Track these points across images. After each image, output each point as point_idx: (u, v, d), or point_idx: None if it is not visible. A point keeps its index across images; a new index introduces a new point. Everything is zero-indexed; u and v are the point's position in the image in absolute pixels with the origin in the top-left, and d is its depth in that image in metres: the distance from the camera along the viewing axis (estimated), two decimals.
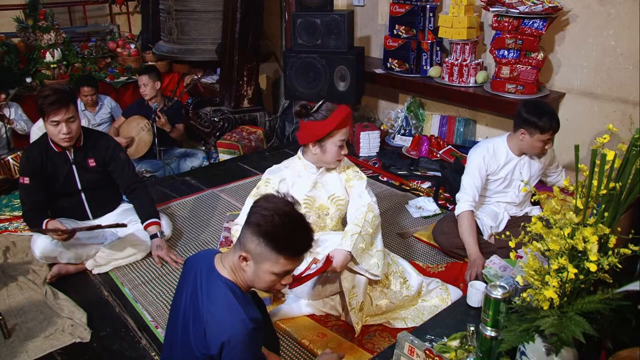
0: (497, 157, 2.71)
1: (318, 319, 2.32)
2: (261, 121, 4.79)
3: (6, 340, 2.24)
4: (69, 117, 2.51)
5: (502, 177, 2.74)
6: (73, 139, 2.59)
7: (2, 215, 3.33)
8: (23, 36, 4.65)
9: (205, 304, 1.44)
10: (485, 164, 2.70)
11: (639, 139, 1.37)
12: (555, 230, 1.36)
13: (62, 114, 2.49)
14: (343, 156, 2.32)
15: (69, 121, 2.52)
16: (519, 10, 3.27)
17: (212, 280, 1.48)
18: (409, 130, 4.43)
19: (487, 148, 2.73)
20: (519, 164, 2.73)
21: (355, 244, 2.16)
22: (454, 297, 2.35)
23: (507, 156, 2.72)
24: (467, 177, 2.73)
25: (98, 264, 2.73)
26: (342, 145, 2.27)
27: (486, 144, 2.77)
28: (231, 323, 1.39)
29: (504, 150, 2.72)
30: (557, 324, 1.32)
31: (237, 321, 1.39)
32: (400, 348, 1.62)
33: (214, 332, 1.39)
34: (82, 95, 4.17)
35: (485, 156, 2.71)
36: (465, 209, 2.65)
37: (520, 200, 2.81)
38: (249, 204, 2.32)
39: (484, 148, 2.74)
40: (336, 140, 2.25)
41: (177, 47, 5.20)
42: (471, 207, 2.66)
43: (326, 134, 2.22)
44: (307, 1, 4.00)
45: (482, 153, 2.72)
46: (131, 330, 2.31)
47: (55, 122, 2.50)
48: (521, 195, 2.78)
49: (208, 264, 1.52)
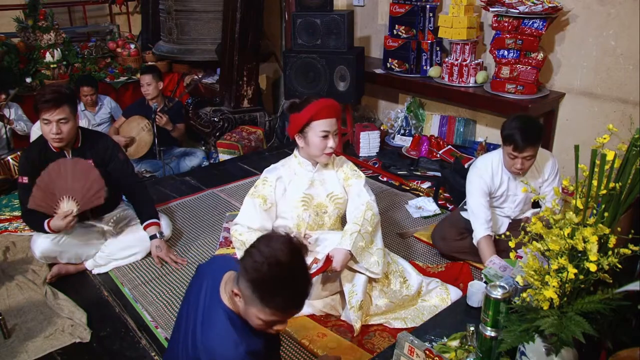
0: (495, 177, 2.62)
1: (318, 319, 2.32)
2: (261, 121, 4.79)
3: (6, 340, 2.24)
4: (60, 117, 2.49)
5: (498, 195, 2.66)
6: (64, 141, 2.56)
7: (2, 215, 3.33)
8: (23, 36, 4.65)
9: (205, 331, 1.39)
10: (486, 183, 2.61)
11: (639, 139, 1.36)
12: (555, 230, 1.36)
13: (52, 113, 2.46)
14: (331, 149, 2.29)
15: (60, 122, 2.49)
16: (519, 10, 3.27)
17: (213, 304, 1.41)
18: (409, 131, 4.43)
19: (485, 168, 2.62)
20: (512, 182, 2.62)
21: (355, 243, 2.16)
22: (454, 297, 2.35)
23: (504, 175, 2.61)
24: (472, 199, 2.62)
25: (98, 264, 2.74)
26: (325, 136, 2.26)
27: (483, 162, 2.65)
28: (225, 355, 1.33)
29: (499, 168, 2.62)
30: (557, 324, 1.31)
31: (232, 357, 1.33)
32: (400, 348, 1.62)
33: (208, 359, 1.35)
34: (82, 95, 4.17)
35: (483, 175, 2.61)
36: (483, 235, 2.54)
37: (516, 214, 2.73)
38: (247, 203, 2.33)
39: (481, 169, 2.63)
40: (317, 130, 2.26)
41: (177, 47, 5.20)
42: (487, 230, 2.55)
43: (304, 123, 2.26)
44: (307, 1, 4.00)
45: (480, 174, 2.62)
46: (131, 330, 2.31)
47: (46, 121, 2.49)
48: (517, 210, 2.71)
49: (214, 283, 1.44)
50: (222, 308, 1.40)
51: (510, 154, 2.43)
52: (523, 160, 2.41)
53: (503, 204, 2.71)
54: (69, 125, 2.54)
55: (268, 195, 2.32)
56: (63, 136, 2.53)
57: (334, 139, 2.28)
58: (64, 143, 2.58)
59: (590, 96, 3.42)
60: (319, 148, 2.28)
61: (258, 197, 2.31)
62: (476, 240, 2.58)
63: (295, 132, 2.31)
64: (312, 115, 2.23)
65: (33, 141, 2.80)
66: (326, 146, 2.28)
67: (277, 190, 2.34)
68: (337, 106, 2.35)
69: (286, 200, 2.34)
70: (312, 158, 2.35)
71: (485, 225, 2.56)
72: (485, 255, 2.52)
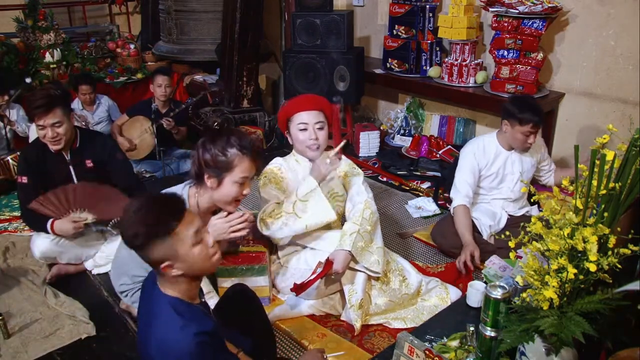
0: (487, 153, 2.77)
1: (318, 319, 2.32)
2: (261, 121, 4.78)
3: (6, 340, 2.24)
4: (54, 122, 2.48)
5: (494, 172, 2.78)
6: (61, 143, 2.56)
7: (2, 216, 3.33)
8: (23, 36, 4.65)
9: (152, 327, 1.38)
10: (477, 160, 2.76)
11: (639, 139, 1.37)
12: (555, 230, 1.36)
13: (45, 119, 2.47)
14: (313, 142, 2.30)
15: (54, 126, 2.50)
16: (519, 10, 3.27)
17: (155, 299, 1.42)
18: (409, 131, 4.43)
19: (477, 145, 2.80)
20: (510, 159, 2.77)
21: (355, 243, 2.17)
22: (454, 297, 2.35)
23: (497, 151, 2.77)
24: (459, 174, 2.79)
25: (98, 264, 2.73)
26: (304, 129, 2.29)
27: (476, 141, 2.85)
28: (176, 342, 1.32)
29: (493, 145, 2.78)
30: (556, 324, 1.32)
31: (181, 340, 1.32)
32: (400, 348, 1.62)
33: (162, 354, 1.34)
34: (80, 94, 4.16)
35: (475, 153, 2.77)
36: (459, 204, 2.71)
37: (516, 196, 2.82)
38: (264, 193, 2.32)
39: (473, 145, 2.81)
40: (296, 124, 2.30)
41: (177, 47, 5.20)
42: (464, 202, 2.71)
43: (285, 119, 2.33)
44: (306, 1, 4.00)
45: (472, 150, 2.79)
46: (131, 330, 2.31)
47: (40, 126, 2.49)
48: (517, 190, 2.80)
49: (151, 282, 1.46)
50: (165, 299, 1.40)
51: (526, 132, 2.62)
52: (532, 136, 2.66)
53: (501, 185, 2.79)
54: (64, 128, 2.54)
55: (276, 175, 2.34)
56: (59, 139, 2.54)
57: (315, 131, 2.29)
58: (62, 145, 2.58)
59: (590, 96, 3.42)
60: (301, 141, 2.32)
61: (270, 183, 2.32)
62: (452, 207, 2.75)
63: (284, 130, 2.39)
64: (289, 109, 2.31)
65: (30, 142, 2.80)
66: (307, 139, 2.30)
67: (283, 169, 2.38)
68: (317, 99, 2.36)
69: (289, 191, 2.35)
70: (302, 154, 2.38)
71: (466, 198, 2.72)
72: (460, 222, 2.66)
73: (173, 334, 1.33)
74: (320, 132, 2.31)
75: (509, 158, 2.77)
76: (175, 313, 1.36)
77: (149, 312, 1.43)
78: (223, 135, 1.94)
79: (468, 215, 2.69)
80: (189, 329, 1.33)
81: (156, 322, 1.38)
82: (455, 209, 2.73)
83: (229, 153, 1.91)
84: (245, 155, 1.92)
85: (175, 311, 1.37)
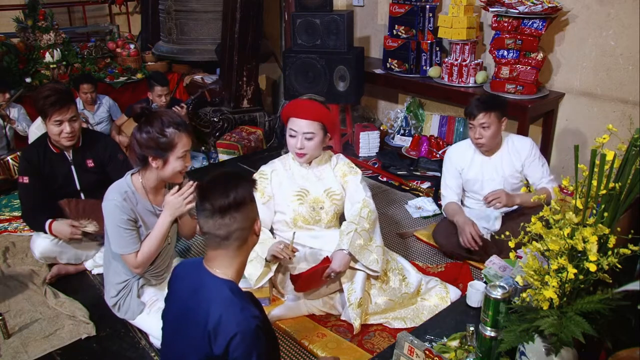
0: (465, 157, 2.80)
1: (318, 319, 2.32)
2: (261, 121, 4.78)
3: (6, 340, 2.24)
4: (71, 116, 2.52)
5: (472, 177, 2.78)
6: (75, 138, 2.59)
7: (2, 216, 3.33)
8: (22, 36, 4.65)
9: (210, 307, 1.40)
10: (454, 164, 2.81)
11: (639, 139, 1.37)
12: (555, 230, 1.36)
13: (65, 113, 2.49)
14: (298, 150, 2.33)
15: (71, 120, 2.53)
16: (519, 10, 3.26)
17: (209, 283, 1.45)
18: (409, 131, 4.43)
19: (457, 148, 2.86)
20: (488, 164, 2.74)
21: (352, 242, 2.17)
22: (454, 297, 2.36)
23: (473, 156, 2.77)
24: (442, 179, 2.88)
25: (98, 264, 2.73)
26: (294, 135, 2.33)
27: (457, 144, 2.90)
28: (237, 319, 1.37)
29: (470, 150, 2.79)
30: (556, 324, 1.32)
31: (243, 317, 1.37)
32: (400, 348, 1.62)
33: (222, 330, 1.36)
34: (82, 93, 4.17)
35: (451, 157, 2.83)
36: (448, 201, 2.80)
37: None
38: None
39: (453, 148, 2.88)
40: (289, 127, 2.36)
41: (177, 47, 5.20)
42: (453, 199, 2.79)
43: (284, 117, 2.39)
44: (306, 1, 4.00)
45: (449, 154, 2.85)
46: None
47: (58, 122, 2.50)
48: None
49: (198, 270, 1.49)
50: (220, 281, 1.43)
51: (469, 125, 2.64)
52: (480, 130, 2.60)
53: (483, 190, 2.75)
54: (78, 123, 2.60)
55: (264, 188, 2.39)
56: (75, 133, 2.57)
57: (302, 141, 2.31)
58: (75, 141, 2.60)
59: (590, 96, 3.42)
60: (289, 145, 2.37)
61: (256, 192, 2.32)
62: (443, 207, 2.85)
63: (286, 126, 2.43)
64: (286, 111, 2.36)
65: (31, 143, 2.80)
66: (293, 145, 2.34)
67: (273, 182, 2.41)
68: (314, 109, 2.32)
69: (282, 193, 2.37)
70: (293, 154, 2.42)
71: (452, 196, 2.81)
72: (451, 210, 2.74)
73: (234, 315, 1.37)
74: (307, 142, 2.32)
75: (486, 163, 2.73)
76: (232, 295, 1.41)
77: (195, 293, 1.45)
78: (153, 118, 2.05)
79: (457, 205, 2.77)
80: (248, 312, 1.38)
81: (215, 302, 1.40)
82: (445, 206, 2.83)
83: (168, 132, 2.03)
84: (182, 131, 2.06)
85: (233, 293, 1.41)
